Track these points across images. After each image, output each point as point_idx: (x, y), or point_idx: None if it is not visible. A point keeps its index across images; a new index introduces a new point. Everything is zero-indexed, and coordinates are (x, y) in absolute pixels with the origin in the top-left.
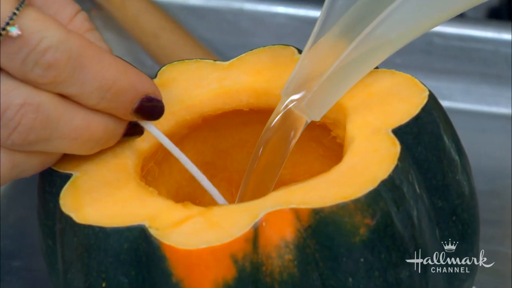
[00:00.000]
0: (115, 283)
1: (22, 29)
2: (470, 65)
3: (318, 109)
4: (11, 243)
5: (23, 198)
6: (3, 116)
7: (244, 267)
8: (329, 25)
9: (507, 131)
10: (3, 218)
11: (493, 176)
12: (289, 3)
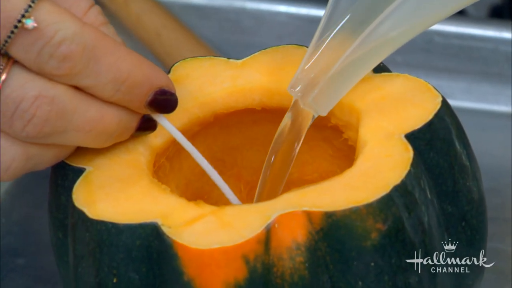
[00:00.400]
0: (126, 279)
1: (37, 21)
2: (471, 63)
3: (325, 105)
4: (14, 240)
5: (26, 196)
6: (18, 108)
7: (255, 268)
8: (334, 22)
9: (507, 129)
10: (6, 216)
11: (493, 174)
12: (290, 2)
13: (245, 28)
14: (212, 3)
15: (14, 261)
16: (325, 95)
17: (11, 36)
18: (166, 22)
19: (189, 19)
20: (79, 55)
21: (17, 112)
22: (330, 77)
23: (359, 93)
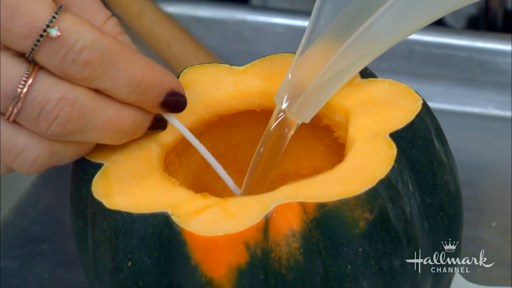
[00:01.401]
0: (140, 263)
1: (61, 30)
2: (448, 70)
3: (307, 113)
4: (40, 228)
5: (50, 188)
6: (44, 109)
7: (255, 253)
8: (315, 36)
9: (479, 129)
10: (32, 206)
11: (467, 169)
12: (286, 14)
13: (246, 38)
14: (216, 16)
15: (39, 247)
16: (308, 104)
17: (37, 44)
18: (175, 33)
19: (196, 30)
20: (99, 61)
21: (42, 113)
22: (312, 88)
23: (348, 96)
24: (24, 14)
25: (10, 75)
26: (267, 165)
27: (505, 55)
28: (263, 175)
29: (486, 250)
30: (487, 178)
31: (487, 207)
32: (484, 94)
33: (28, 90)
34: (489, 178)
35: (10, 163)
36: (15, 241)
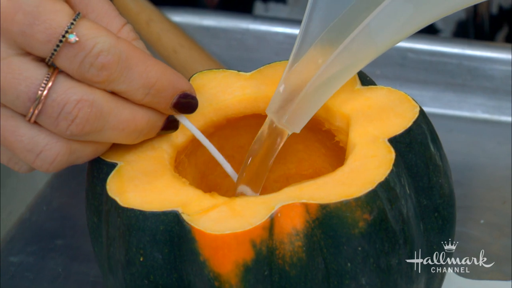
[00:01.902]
0: (151, 258)
1: (78, 36)
2: (438, 76)
3: (297, 124)
4: (54, 224)
5: (65, 187)
6: (63, 110)
7: (261, 251)
8: (305, 47)
9: (469, 131)
10: (47, 204)
11: (457, 169)
12: (287, 24)
13: (249, 46)
14: (220, 25)
15: (54, 242)
16: (297, 117)
17: (56, 49)
18: (182, 41)
19: (202, 38)
20: (115, 65)
21: (62, 114)
22: (300, 101)
23: (349, 102)
24: (45, 21)
25: (31, 78)
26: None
27: (493, 62)
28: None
29: (475, 245)
30: (476, 177)
31: (476, 205)
32: (473, 98)
33: (48, 92)
34: (478, 178)
35: (31, 162)
36: (31, 237)
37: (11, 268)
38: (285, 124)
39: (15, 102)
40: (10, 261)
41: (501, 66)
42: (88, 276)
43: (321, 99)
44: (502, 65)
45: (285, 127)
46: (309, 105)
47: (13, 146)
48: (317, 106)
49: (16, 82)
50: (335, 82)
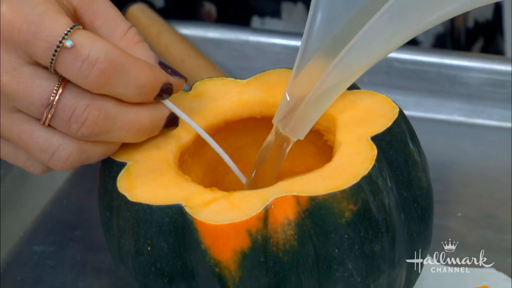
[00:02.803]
0: (158, 247)
1: (75, 43)
2: (420, 83)
3: (300, 132)
4: (73, 217)
5: (82, 184)
6: (73, 114)
7: (256, 239)
8: (307, 58)
9: (447, 133)
10: (66, 198)
11: (437, 167)
12: (283, 36)
13: (248, 55)
14: (223, 36)
15: (72, 233)
16: (300, 124)
17: (55, 54)
18: (188, 51)
19: (206, 49)
20: (112, 71)
21: (72, 117)
22: (302, 110)
23: (336, 105)
24: (45, 30)
25: (43, 86)
26: (270, 170)
27: (469, 70)
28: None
29: (452, 236)
30: (454, 175)
31: (453, 200)
32: (451, 103)
33: (59, 98)
34: (455, 175)
35: (46, 161)
36: (51, 228)
37: (34, 257)
38: (289, 132)
39: (30, 108)
40: (33, 250)
41: (476, 74)
42: (103, 264)
43: (321, 108)
44: (477, 73)
45: (290, 135)
46: (310, 114)
47: (29, 148)
48: (317, 114)
49: (29, 89)
50: (332, 93)
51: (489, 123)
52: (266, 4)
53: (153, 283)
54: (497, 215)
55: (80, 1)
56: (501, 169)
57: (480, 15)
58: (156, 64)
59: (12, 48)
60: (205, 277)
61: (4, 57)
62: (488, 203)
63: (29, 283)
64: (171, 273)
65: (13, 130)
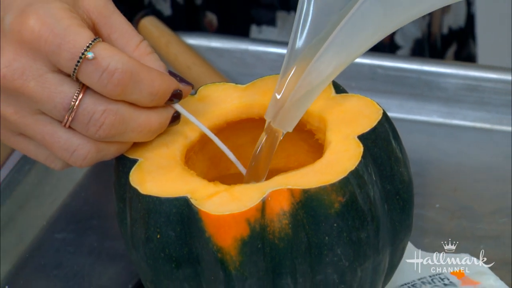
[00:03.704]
0: (166, 235)
1: (96, 55)
2: (402, 87)
3: (288, 125)
4: (90, 208)
5: (98, 178)
6: (92, 118)
7: (255, 228)
8: (292, 61)
9: (426, 132)
10: (85, 191)
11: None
12: (278, 46)
13: (248, 63)
14: (225, 46)
15: (90, 222)
16: (288, 118)
17: (77, 65)
18: (194, 59)
19: (210, 57)
20: (128, 80)
21: (91, 121)
22: (287, 106)
23: (326, 107)
24: (69, 42)
25: (65, 92)
26: (264, 162)
27: (445, 76)
28: (261, 167)
29: (430, 225)
30: (432, 170)
31: (432, 192)
32: (430, 106)
33: (79, 103)
34: (433, 170)
35: (67, 158)
36: (71, 218)
37: (56, 243)
38: (278, 125)
39: (53, 111)
40: (55, 238)
41: (452, 79)
42: (117, 250)
43: (305, 104)
44: (453, 79)
45: (279, 127)
46: (296, 109)
47: (51, 146)
48: (302, 109)
49: (53, 94)
50: (314, 90)
51: (464, 124)
52: (262, 14)
53: (162, 267)
54: (471, 206)
55: (99, 16)
56: (475, 165)
57: (453, 23)
58: (166, 73)
59: (38, 57)
60: (209, 262)
61: (31, 64)
62: (463, 195)
63: (51, 267)
64: (178, 259)
65: (37, 130)
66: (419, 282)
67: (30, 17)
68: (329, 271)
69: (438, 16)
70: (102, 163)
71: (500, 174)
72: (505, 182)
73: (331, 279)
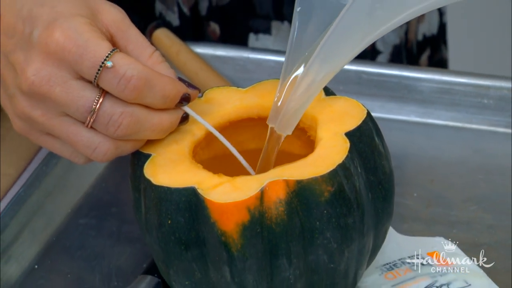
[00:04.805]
0: (176, 221)
1: (114, 63)
2: (384, 90)
3: (288, 128)
4: (110, 197)
5: (117, 171)
6: (111, 119)
7: (254, 214)
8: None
9: (405, 130)
10: (105, 182)
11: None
12: (275, 54)
13: (248, 69)
14: (228, 54)
15: (109, 209)
16: (286, 123)
17: (98, 73)
18: (201, 66)
19: (215, 64)
20: (142, 86)
21: (110, 122)
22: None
23: (317, 108)
24: (90, 52)
25: (87, 96)
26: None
27: (422, 81)
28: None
29: (409, 212)
30: (411, 163)
31: (411, 183)
32: (408, 107)
33: (100, 106)
34: (411, 163)
35: (89, 154)
36: (93, 206)
37: (79, 228)
38: (279, 129)
39: (76, 113)
40: (78, 223)
41: (427, 83)
42: (133, 234)
43: (300, 110)
44: (428, 83)
45: (280, 131)
46: (292, 115)
47: (75, 144)
48: (298, 115)
49: (76, 99)
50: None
51: (438, 122)
52: (259, 23)
53: (173, 249)
54: (445, 195)
55: (116, 30)
56: (448, 159)
57: (427, 31)
58: (176, 79)
59: (63, 66)
60: (213, 245)
61: (56, 72)
62: (438, 185)
63: (75, 249)
64: (187, 241)
65: (63, 130)
66: (399, 262)
67: (55, 30)
68: (319, 252)
69: (414, 25)
70: (120, 157)
71: (470, 166)
72: (474, 174)
73: (321, 259)
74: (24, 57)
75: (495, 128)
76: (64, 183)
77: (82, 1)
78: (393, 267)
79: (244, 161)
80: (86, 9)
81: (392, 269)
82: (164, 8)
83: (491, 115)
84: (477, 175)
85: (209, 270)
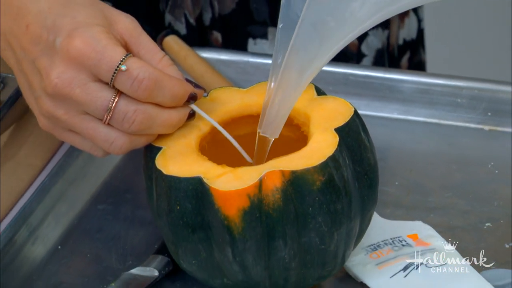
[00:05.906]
0: (184, 207)
1: (128, 67)
2: (369, 91)
3: (273, 132)
4: (125, 185)
5: (131, 162)
6: (125, 116)
7: (254, 201)
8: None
9: (388, 126)
10: (122, 172)
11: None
12: None
13: (249, 72)
14: (231, 58)
15: (125, 196)
16: (269, 128)
17: (113, 75)
18: (207, 69)
19: (219, 67)
20: (153, 86)
21: (125, 118)
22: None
23: (309, 106)
24: (107, 57)
25: (105, 96)
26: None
27: (403, 82)
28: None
29: (390, 198)
30: (392, 155)
31: (392, 173)
32: (391, 105)
33: (116, 105)
34: (393, 156)
35: (106, 148)
36: (110, 192)
37: (98, 212)
38: (266, 134)
39: (95, 112)
40: (97, 208)
41: (408, 84)
42: (146, 218)
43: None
44: (409, 84)
45: (268, 136)
46: (274, 120)
47: (94, 139)
48: (281, 120)
49: (94, 99)
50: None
51: (418, 119)
52: (257, 29)
53: (181, 232)
54: (424, 184)
55: (130, 37)
56: (426, 151)
57: (407, 36)
58: (184, 80)
59: (82, 69)
60: (217, 228)
61: (77, 76)
62: (417, 175)
63: (94, 231)
64: (194, 225)
65: (83, 127)
66: (382, 243)
67: (76, 38)
68: (312, 235)
69: (395, 31)
70: (134, 150)
71: (445, 158)
72: (449, 164)
73: (313, 241)
74: (49, 62)
75: (468, 124)
76: (85, 173)
77: (99, 12)
78: (377, 248)
79: (244, 152)
80: (103, 19)
81: (376, 250)
82: (173, 19)
83: (464, 113)
84: (452, 165)
85: (214, 250)
